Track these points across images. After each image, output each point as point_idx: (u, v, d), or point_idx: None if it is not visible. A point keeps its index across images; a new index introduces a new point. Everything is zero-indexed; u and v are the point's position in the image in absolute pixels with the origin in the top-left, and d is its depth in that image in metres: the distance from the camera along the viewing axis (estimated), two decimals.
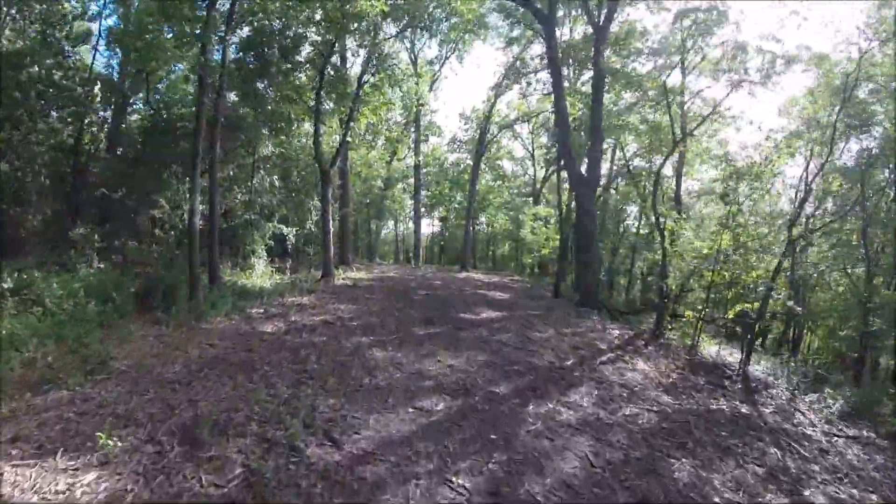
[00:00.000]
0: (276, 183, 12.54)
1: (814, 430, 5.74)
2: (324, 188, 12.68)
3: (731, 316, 9.12)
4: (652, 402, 5.60)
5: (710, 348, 9.08)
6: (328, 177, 12.69)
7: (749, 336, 8.52)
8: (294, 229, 13.68)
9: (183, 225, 9.13)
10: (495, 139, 28.24)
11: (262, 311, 8.14)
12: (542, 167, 30.98)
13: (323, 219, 12.73)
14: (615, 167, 22.57)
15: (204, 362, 5.45)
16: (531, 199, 32.58)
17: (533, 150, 31.16)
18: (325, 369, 5.48)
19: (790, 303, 9.02)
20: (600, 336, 8.87)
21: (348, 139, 13.40)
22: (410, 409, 4.61)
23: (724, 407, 5.88)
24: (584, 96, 15.05)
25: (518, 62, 17.77)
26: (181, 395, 4.53)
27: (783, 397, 6.80)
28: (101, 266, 8.74)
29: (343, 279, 13.35)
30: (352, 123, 13.29)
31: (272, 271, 12.26)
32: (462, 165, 30.00)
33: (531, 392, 5.43)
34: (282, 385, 4.91)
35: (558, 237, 28.19)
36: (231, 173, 12.17)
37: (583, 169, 12.75)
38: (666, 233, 10.14)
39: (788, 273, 14.00)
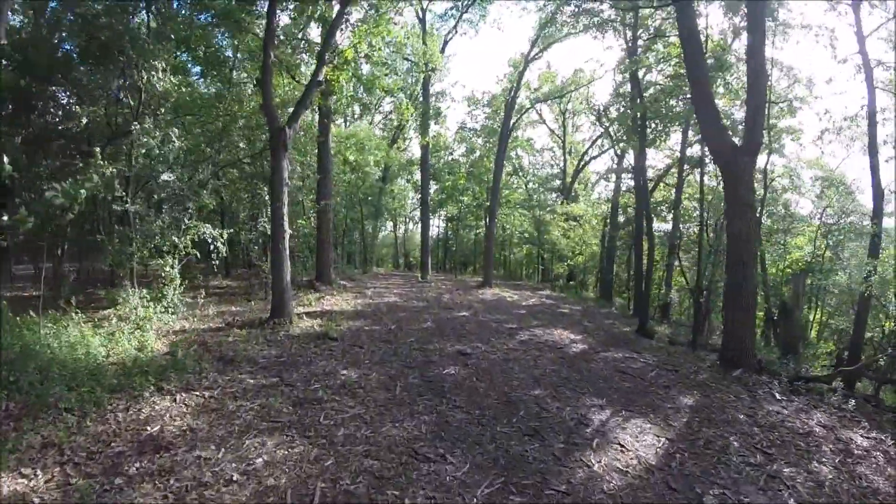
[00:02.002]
0: (178, 142, 6.78)
1: None
2: (274, 159, 7.09)
3: None
4: None
5: None
6: (283, 140, 7.10)
7: None
8: (232, 230, 8.06)
9: None
10: (520, 119, 22.56)
11: None
12: (573, 156, 25.42)
13: (273, 212, 7.12)
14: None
15: None
16: (556, 194, 27.16)
17: (564, 137, 25.49)
18: None
19: None
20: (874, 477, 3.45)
21: (321, 78, 7.70)
22: None
23: None
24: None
25: None
26: None
27: None
28: None
29: (309, 317, 7.77)
30: (328, 57, 7.73)
31: (177, 306, 6.65)
32: (478, 152, 24.30)
33: None
34: None
35: (595, 242, 22.75)
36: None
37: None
38: None
39: None
